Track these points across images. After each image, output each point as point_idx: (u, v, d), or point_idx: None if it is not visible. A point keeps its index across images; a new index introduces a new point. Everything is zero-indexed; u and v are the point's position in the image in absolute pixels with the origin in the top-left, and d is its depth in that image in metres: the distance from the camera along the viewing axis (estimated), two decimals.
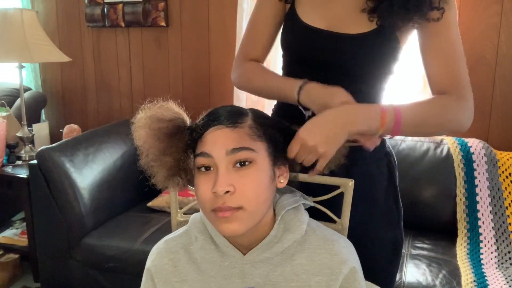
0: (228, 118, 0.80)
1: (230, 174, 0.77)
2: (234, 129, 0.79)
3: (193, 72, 2.62)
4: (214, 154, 0.78)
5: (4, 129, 2.32)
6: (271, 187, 0.81)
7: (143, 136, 0.84)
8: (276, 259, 0.85)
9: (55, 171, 1.94)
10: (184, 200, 2.07)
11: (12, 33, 2.30)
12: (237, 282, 0.85)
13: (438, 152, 2.06)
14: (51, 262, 2.07)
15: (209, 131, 0.80)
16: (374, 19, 0.96)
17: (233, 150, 0.77)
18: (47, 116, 3.03)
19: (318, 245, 0.85)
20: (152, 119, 0.83)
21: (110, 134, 2.30)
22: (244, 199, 0.77)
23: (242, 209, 0.77)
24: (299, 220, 0.86)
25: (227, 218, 0.76)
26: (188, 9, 2.57)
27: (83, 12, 2.78)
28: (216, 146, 0.78)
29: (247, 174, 0.78)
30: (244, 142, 0.78)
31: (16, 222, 2.50)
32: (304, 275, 0.83)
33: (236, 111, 0.83)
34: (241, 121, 0.81)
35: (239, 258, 0.85)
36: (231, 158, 0.78)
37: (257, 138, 0.80)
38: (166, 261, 0.90)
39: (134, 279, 1.88)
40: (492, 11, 2.08)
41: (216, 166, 0.78)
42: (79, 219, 1.97)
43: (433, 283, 1.65)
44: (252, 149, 0.79)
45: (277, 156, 0.84)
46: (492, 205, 1.93)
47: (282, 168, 0.85)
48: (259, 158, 0.79)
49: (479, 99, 2.16)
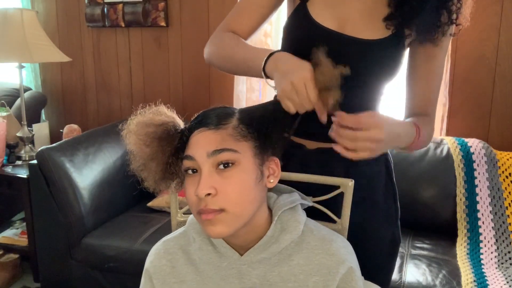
0: (213, 120, 0.81)
1: (212, 176, 0.77)
2: (216, 131, 0.79)
3: (193, 72, 2.62)
4: (197, 156, 0.78)
5: (4, 129, 2.32)
6: (258, 187, 0.80)
7: (132, 142, 0.84)
8: (274, 260, 0.85)
9: (55, 171, 1.94)
10: (184, 200, 2.07)
11: (12, 33, 2.30)
12: (235, 283, 0.85)
13: (438, 152, 2.06)
14: (51, 262, 2.07)
15: (194, 134, 0.81)
16: (391, 27, 0.96)
17: (214, 152, 0.77)
18: (47, 116, 3.03)
19: (316, 245, 0.85)
20: (140, 125, 0.83)
21: (110, 134, 2.30)
22: (226, 201, 0.76)
23: (225, 211, 0.77)
24: (296, 220, 0.86)
25: (210, 220, 0.77)
26: (188, 9, 2.57)
27: (83, 12, 2.78)
28: (198, 148, 0.79)
29: (230, 175, 0.77)
30: (225, 143, 0.78)
31: (16, 222, 2.50)
32: (302, 275, 0.83)
33: (221, 112, 0.82)
34: (225, 122, 0.80)
35: (236, 258, 0.85)
36: (213, 160, 0.78)
37: (241, 138, 0.79)
38: (165, 262, 0.90)
39: (134, 279, 1.88)
40: (492, 11, 2.08)
41: (199, 168, 0.78)
42: (79, 219, 1.97)
43: (433, 283, 1.65)
44: (234, 150, 0.78)
45: (265, 154, 0.82)
46: (492, 205, 1.93)
47: (272, 167, 0.84)
48: (243, 159, 0.79)
49: (479, 99, 2.18)
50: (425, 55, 1.03)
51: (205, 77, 2.58)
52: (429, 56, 1.02)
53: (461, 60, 2.16)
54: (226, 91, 2.50)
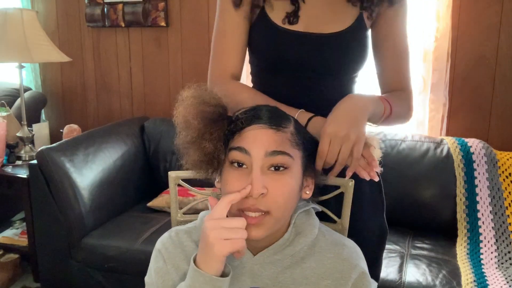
0: (273, 119, 0.79)
1: (264, 176, 0.76)
2: (277, 132, 0.78)
3: (193, 72, 2.62)
4: (253, 152, 0.76)
5: (4, 129, 2.32)
6: (298, 196, 0.81)
7: (186, 115, 0.81)
8: (286, 262, 0.84)
9: (55, 171, 1.94)
10: (184, 200, 2.07)
11: (12, 33, 2.30)
12: (247, 281, 0.85)
13: (438, 152, 2.06)
14: (51, 262, 2.07)
15: (250, 127, 0.79)
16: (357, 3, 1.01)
17: (273, 152, 0.76)
18: (47, 116, 3.03)
19: (328, 249, 0.86)
20: (198, 100, 0.81)
21: (110, 134, 2.30)
22: (273, 204, 0.76)
23: (269, 215, 0.76)
24: (311, 224, 0.87)
25: (255, 224, 0.76)
26: (188, 9, 2.57)
27: (83, 12, 2.78)
28: (256, 144, 0.77)
29: (281, 179, 0.77)
30: (284, 146, 0.77)
31: (16, 222, 2.50)
32: (313, 278, 0.84)
33: (280, 113, 0.82)
34: (285, 126, 0.80)
35: (249, 258, 0.84)
36: (268, 160, 0.76)
37: (295, 145, 0.79)
38: (179, 251, 0.87)
39: (134, 279, 1.89)
40: (492, 11, 2.08)
41: (251, 164, 0.77)
42: (79, 219, 1.97)
43: (433, 283, 1.65)
44: (290, 155, 0.78)
45: (308, 167, 0.83)
46: (492, 205, 1.93)
47: (308, 180, 0.85)
48: (294, 166, 0.79)
49: (479, 99, 2.18)
50: (385, 26, 1.05)
51: (205, 77, 2.57)
52: (389, 26, 1.05)
53: (461, 60, 2.16)
54: None
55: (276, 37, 1.02)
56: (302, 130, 0.83)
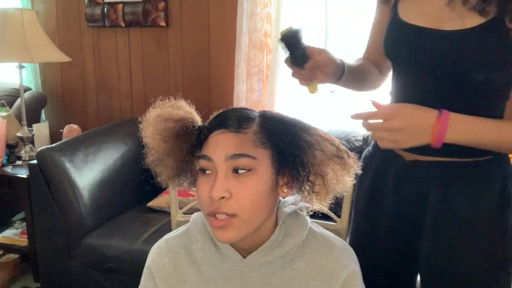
0: (234, 122, 0.79)
1: (228, 179, 0.76)
2: (237, 134, 0.78)
3: (193, 72, 2.62)
4: (215, 158, 0.77)
5: (4, 129, 2.32)
6: (270, 196, 0.80)
7: (150, 135, 0.83)
8: (276, 263, 0.84)
9: (55, 171, 1.94)
10: (184, 200, 2.07)
11: (12, 33, 2.30)
12: (237, 285, 0.85)
13: None
14: (51, 262, 2.07)
15: (213, 134, 0.80)
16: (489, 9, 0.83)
17: (233, 156, 0.76)
18: (47, 116, 3.03)
19: (318, 249, 0.85)
20: (159, 119, 0.82)
21: (110, 134, 2.30)
22: (239, 206, 0.76)
23: (236, 217, 0.76)
24: (300, 225, 0.86)
25: (220, 227, 0.76)
26: (188, 9, 2.57)
27: (83, 12, 2.78)
28: (217, 150, 0.78)
29: (245, 181, 0.77)
30: (245, 148, 0.77)
31: (16, 222, 2.51)
32: (304, 279, 0.83)
33: (243, 115, 0.81)
34: (246, 127, 0.79)
35: (239, 260, 0.85)
36: (230, 163, 0.77)
37: (260, 145, 0.78)
38: (167, 260, 0.90)
39: (134, 279, 1.88)
40: None
41: (215, 170, 0.77)
42: (79, 219, 1.97)
43: None
44: (252, 157, 0.77)
45: (282, 164, 0.80)
46: None
47: (287, 177, 0.82)
48: (260, 166, 0.78)
49: None
50: None
51: (205, 77, 2.58)
52: None
53: None
54: (226, 91, 2.50)
55: (397, 32, 1.00)
56: (269, 127, 0.78)
